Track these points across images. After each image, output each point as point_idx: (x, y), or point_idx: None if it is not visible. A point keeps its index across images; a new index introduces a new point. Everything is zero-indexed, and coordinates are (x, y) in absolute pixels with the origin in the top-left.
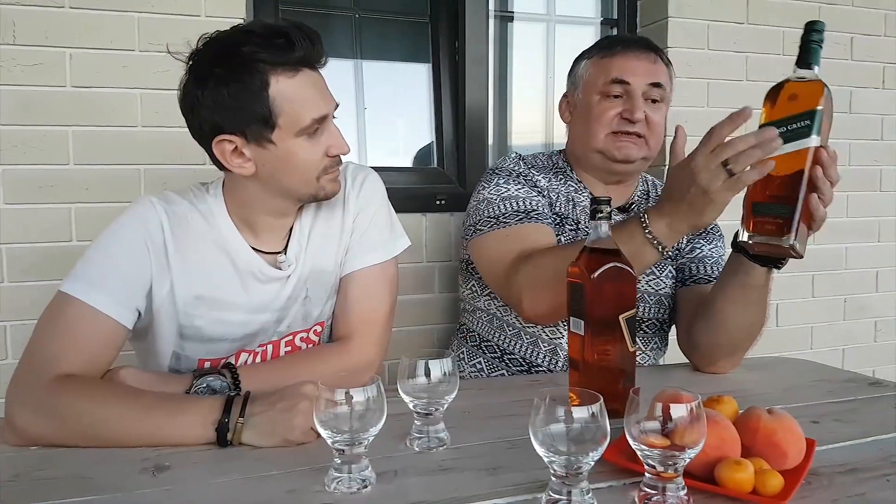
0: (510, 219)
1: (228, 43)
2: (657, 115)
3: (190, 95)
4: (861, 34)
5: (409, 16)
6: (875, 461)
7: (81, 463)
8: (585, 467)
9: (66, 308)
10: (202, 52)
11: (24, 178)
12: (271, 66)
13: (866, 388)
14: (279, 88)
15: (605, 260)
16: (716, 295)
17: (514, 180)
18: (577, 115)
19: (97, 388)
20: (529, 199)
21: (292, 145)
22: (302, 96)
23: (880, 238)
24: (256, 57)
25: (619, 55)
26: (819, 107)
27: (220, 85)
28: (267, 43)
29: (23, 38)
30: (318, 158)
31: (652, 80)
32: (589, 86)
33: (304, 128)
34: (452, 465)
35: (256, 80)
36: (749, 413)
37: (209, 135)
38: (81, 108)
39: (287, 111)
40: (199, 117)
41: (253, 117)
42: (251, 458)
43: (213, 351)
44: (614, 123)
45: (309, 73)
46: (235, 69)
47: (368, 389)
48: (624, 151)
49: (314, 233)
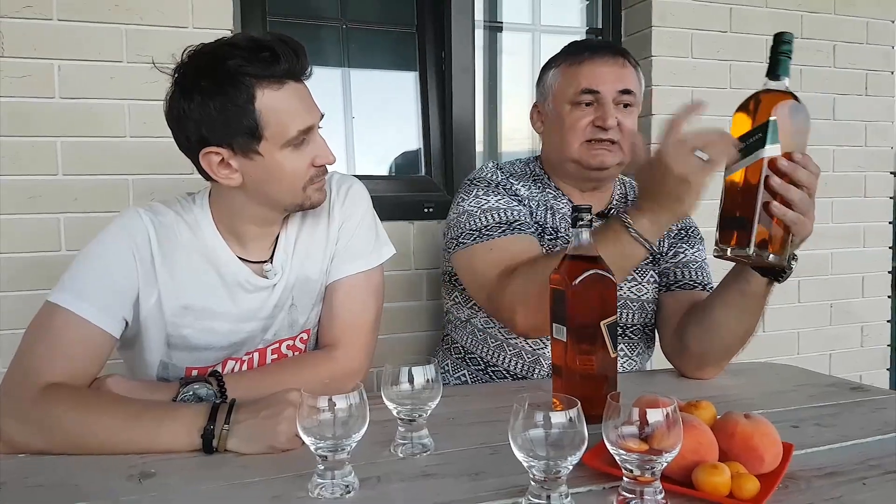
0: (493, 231)
1: (214, 56)
2: (629, 119)
3: (176, 108)
4: (843, 42)
5: (395, 25)
6: (853, 465)
7: (68, 470)
8: (564, 471)
9: (53, 318)
10: (188, 66)
11: (13, 188)
12: (257, 79)
13: (848, 392)
14: (265, 101)
15: (586, 267)
16: (714, 301)
17: (493, 191)
18: (549, 124)
19: (84, 396)
20: (511, 209)
21: (279, 156)
22: (288, 108)
23: (866, 244)
24: (242, 70)
25: (587, 63)
26: (772, 117)
27: (207, 98)
28: (252, 56)
29: (11, 50)
30: (304, 169)
31: (622, 87)
32: (559, 95)
33: (291, 139)
34: (435, 470)
35: (242, 94)
36: (726, 418)
37: (196, 147)
38: (70, 119)
39: (273, 123)
40: (185, 130)
41: (239, 130)
42: (236, 465)
43: (200, 359)
44: (587, 132)
45: (294, 86)
46: (221, 83)
47: (351, 396)
48: (598, 159)
49: (300, 241)
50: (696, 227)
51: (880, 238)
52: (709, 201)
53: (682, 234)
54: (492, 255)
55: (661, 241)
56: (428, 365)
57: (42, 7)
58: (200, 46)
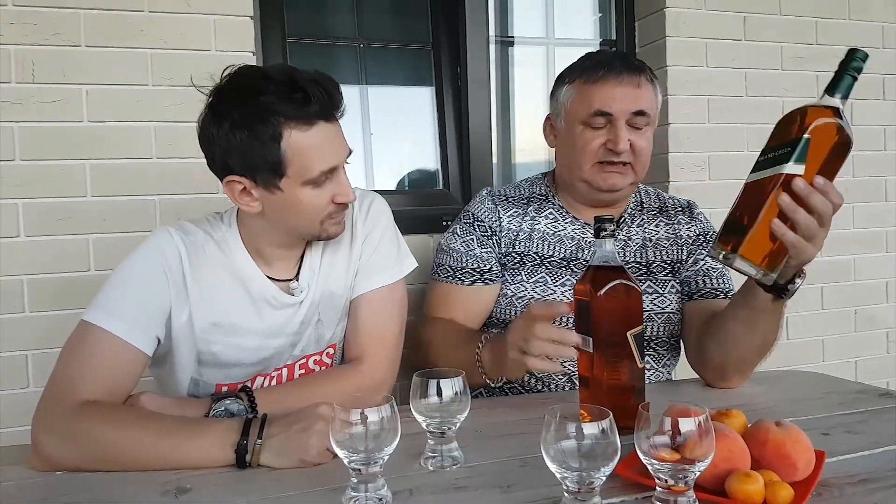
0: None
1: (248, 88)
2: (642, 139)
3: (206, 130)
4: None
5: (411, 43)
6: (886, 471)
7: (105, 486)
8: (597, 482)
9: (87, 336)
10: (223, 92)
11: (43, 210)
12: (286, 118)
13: (876, 399)
14: (291, 142)
15: (611, 277)
16: (727, 314)
17: (468, 229)
18: (562, 141)
19: (119, 413)
20: (467, 255)
21: (298, 192)
22: (313, 149)
23: (888, 248)
24: (273, 109)
25: (601, 83)
26: (806, 135)
27: (235, 129)
28: (285, 94)
29: (41, 76)
30: (324, 205)
31: (635, 109)
32: (571, 114)
33: (312, 179)
34: (466, 483)
35: (269, 131)
36: (758, 426)
37: (220, 171)
38: (98, 142)
39: (296, 163)
40: (212, 153)
41: (263, 165)
42: (270, 479)
43: (230, 376)
44: (599, 154)
45: (323, 126)
46: (250, 116)
47: (383, 409)
48: (609, 181)
49: (325, 258)
50: (714, 232)
51: None
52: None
53: (701, 241)
54: (433, 294)
55: (680, 250)
56: (456, 377)
57: (70, 34)
58: (238, 70)
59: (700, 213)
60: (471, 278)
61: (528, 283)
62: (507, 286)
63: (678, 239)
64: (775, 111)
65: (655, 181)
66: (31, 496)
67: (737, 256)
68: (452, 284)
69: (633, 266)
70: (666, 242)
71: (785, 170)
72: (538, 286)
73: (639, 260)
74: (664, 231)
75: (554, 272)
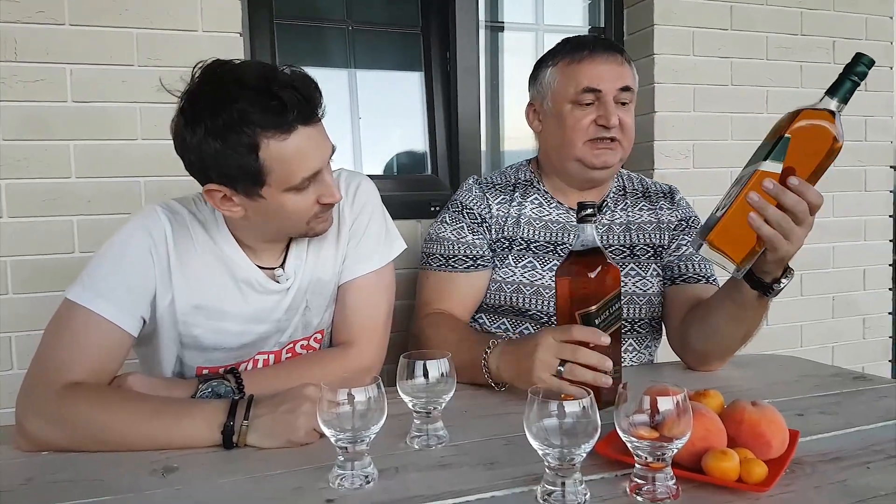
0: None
1: (222, 95)
2: (628, 116)
3: (180, 136)
4: (842, 38)
5: (400, 27)
6: (857, 450)
7: (92, 466)
8: (578, 459)
9: (72, 317)
10: (195, 97)
11: (27, 191)
12: (262, 129)
13: (850, 382)
14: (269, 152)
15: (592, 261)
16: (711, 305)
17: (457, 217)
18: (549, 124)
19: (105, 394)
20: (459, 242)
21: (281, 199)
22: (293, 157)
23: (867, 237)
24: (248, 119)
25: (587, 61)
26: (787, 134)
27: (209, 137)
28: (260, 104)
29: (24, 54)
30: (309, 207)
31: (621, 85)
32: (558, 95)
33: (295, 186)
34: (451, 461)
35: (246, 141)
36: (734, 406)
37: (199, 178)
38: (82, 123)
39: (277, 172)
40: (188, 159)
41: (241, 175)
42: (257, 458)
43: (210, 360)
44: (590, 131)
45: (303, 131)
46: (225, 126)
47: (369, 389)
48: (602, 158)
49: (311, 246)
50: (695, 217)
51: (881, 231)
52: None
53: (683, 226)
54: (426, 285)
55: (662, 234)
56: (442, 359)
57: (54, 12)
58: (210, 70)
59: (682, 199)
60: (464, 265)
61: (516, 267)
62: (496, 271)
63: (660, 224)
64: (760, 100)
65: (641, 168)
66: (18, 475)
67: (705, 244)
68: (445, 273)
69: (617, 248)
70: (649, 226)
71: (761, 167)
72: (526, 271)
73: (622, 242)
74: (647, 215)
75: (542, 256)
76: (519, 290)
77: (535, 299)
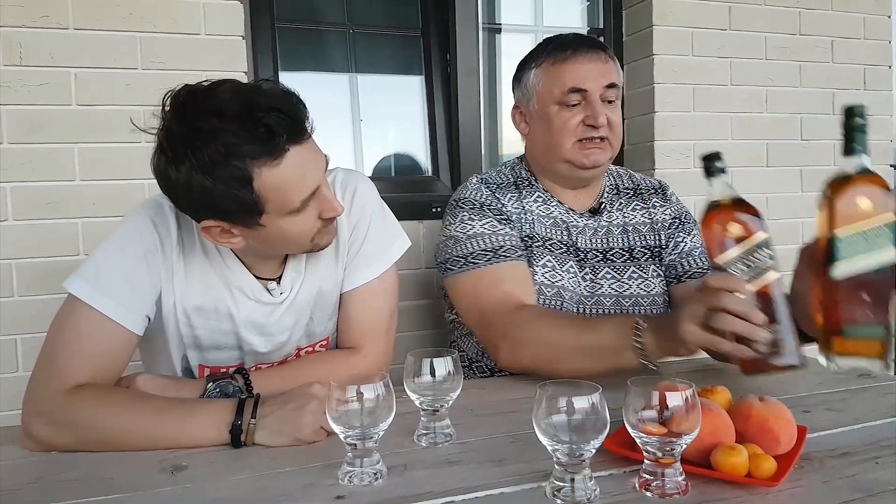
0: (479, 259)
1: (203, 130)
2: (615, 114)
3: (163, 176)
4: (841, 37)
5: (401, 30)
6: (865, 446)
7: (101, 465)
8: (587, 454)
9: (77, 315)
10: (172, 132)
11: (31, 194)
12: (252, 159)
13: (856, 379)
14: (263, 181)
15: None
16: None
17: (478, 213)
18: (536, 125)
19: (111, 395)
20: (496, 234)
21: (282, 223)
22: (289, 181)
23: None
24: (235, 151)
25: (571, 61)
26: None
27: (196, 174)
28: (245, 134)
29: (29, 58)
30: (311, 226)
31: (607, 82)
32: (544, 96)
33: (294, 209)
34: (459, 458)
35: (237, 174)
36: (742, 401)
37: (192, 216)
38: (87, 126)
39: (274, 199)
40: (176, 197)
41: (237, 209)
42: (266, 456)
43: (210, 360)
44: (578, 131)
45: (295, 151)
46: (212, 162)
47: (378, 387)
48: (592, 158)
49: (310, 258)
50: (688, 212)
51: None
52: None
53: (676, 223)
54: (480, 284)
55: (658, 235)
56: (449, 357)
57: (59, 16)
58: (180, 101)
59: (673, 195)
60: (515, 254)
61: (537, 266)
62: None
63: (654, 224)
64: (759, 100)
65: (641, 168)
66: (27, 474)
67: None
68: (501, 264)
69: (618, 251)
70: (644, 227)
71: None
72: (546, 270)
73: (622, 245)
74: (640, 215)
75: (558, 257)
76: (541, 291)
77: (556, 302)
